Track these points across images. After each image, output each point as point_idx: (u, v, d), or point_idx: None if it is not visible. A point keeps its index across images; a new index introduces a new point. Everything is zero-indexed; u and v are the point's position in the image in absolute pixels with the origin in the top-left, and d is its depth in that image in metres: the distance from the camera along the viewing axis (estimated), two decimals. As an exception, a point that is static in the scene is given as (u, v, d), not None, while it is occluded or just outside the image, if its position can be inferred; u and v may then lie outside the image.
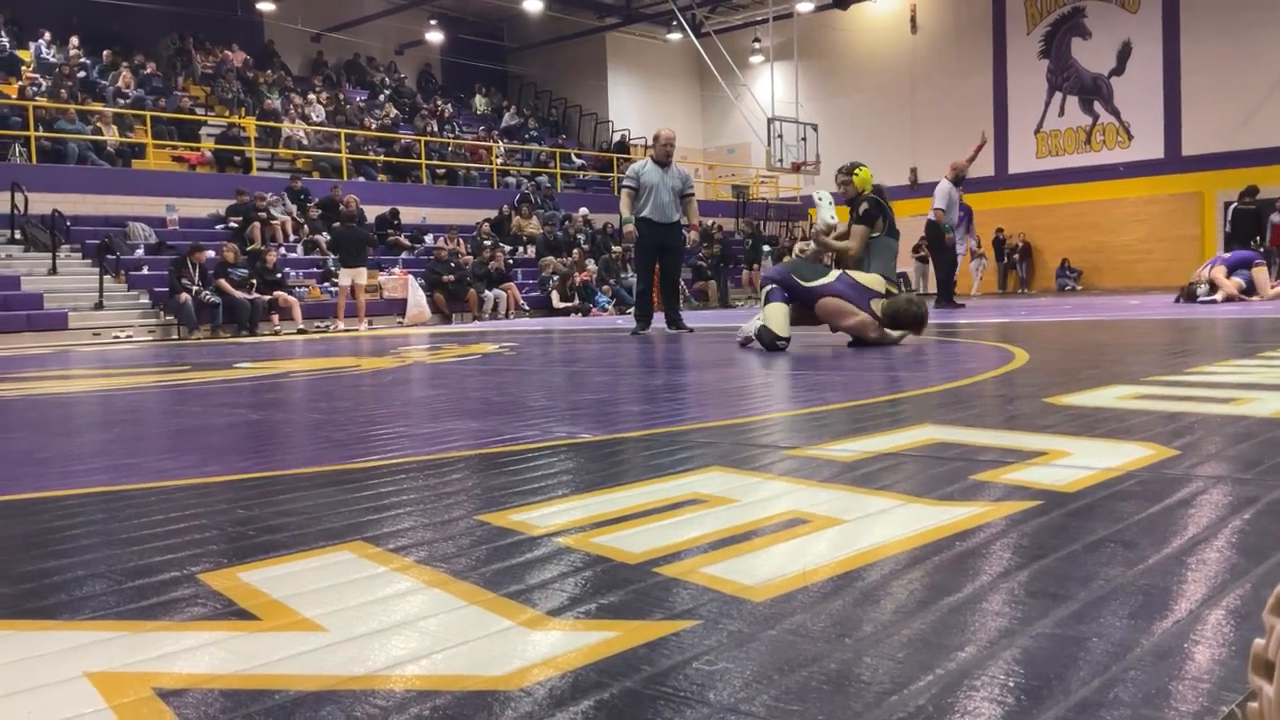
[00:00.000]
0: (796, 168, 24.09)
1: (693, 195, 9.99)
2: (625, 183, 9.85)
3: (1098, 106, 24.79)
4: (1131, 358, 5.03)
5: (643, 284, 10.15)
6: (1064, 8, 25.16)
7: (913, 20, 27.23)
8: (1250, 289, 12.00)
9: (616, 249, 20.67)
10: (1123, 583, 1.29)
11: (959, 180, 13.43)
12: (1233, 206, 16.73)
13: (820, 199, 7.71)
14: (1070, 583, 1.30)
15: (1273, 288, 12.17)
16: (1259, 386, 3.31)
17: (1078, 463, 2.11)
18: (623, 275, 19.99)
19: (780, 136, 23.42)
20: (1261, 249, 15.26)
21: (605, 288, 19.70)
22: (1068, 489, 1.85)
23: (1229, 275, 12.09)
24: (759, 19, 27.42)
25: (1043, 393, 3.45)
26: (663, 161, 9.71)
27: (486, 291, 18.16)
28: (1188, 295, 12.37)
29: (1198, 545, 1.46)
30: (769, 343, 6.12)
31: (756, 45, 28.47)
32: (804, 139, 24.15)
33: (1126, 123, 24.35)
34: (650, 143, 10.05)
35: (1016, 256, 25.41)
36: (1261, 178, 19.36)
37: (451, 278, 17.73)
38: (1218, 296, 11.96)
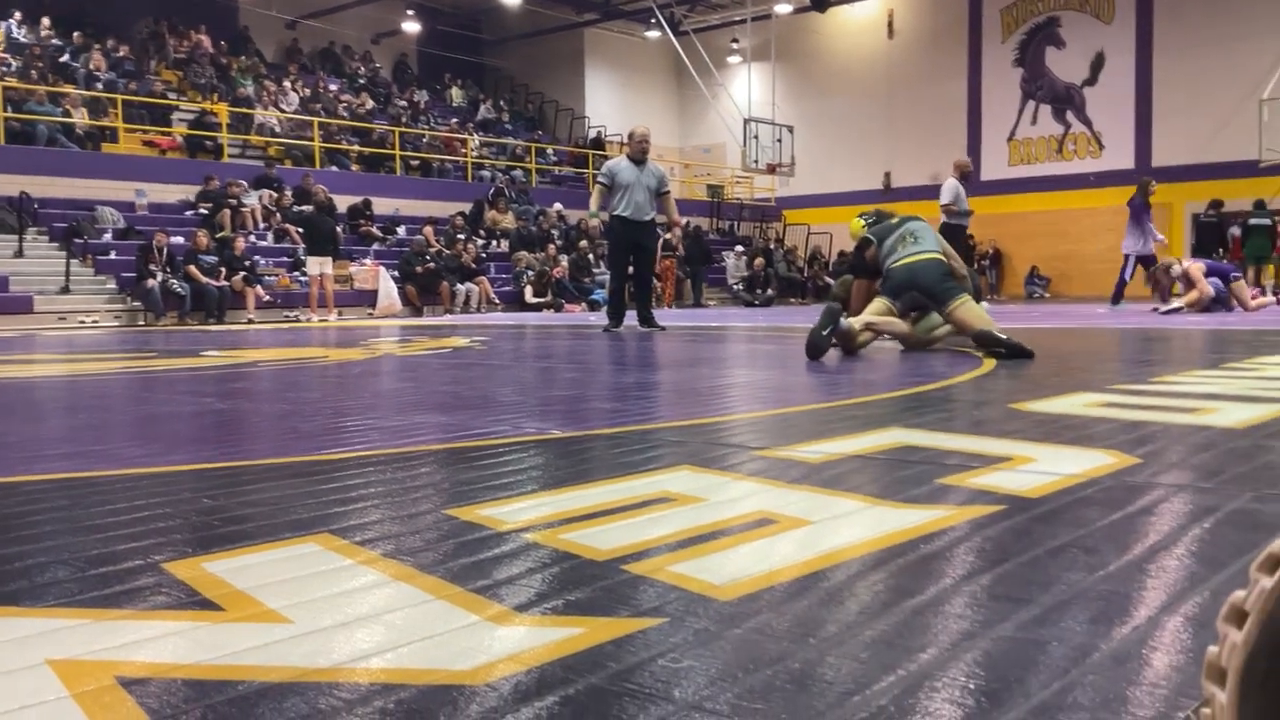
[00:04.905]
0: (772, 169, 24.15)
1: (669, 193, 10.00)
2: (600, 179, 9.86)
3: (1070, 116, 25.00)
4: (1097, 366, 5.09)
5: (616, 282, 10.16)
6: (1039, 17, 25.35)
7: (890, 25, 27.35)
8: (1220, 298, 12.14)
9: (583, 244, 20.62)
10: (1083, 588, 1.31)
11: (965, 177, 13.37)
12: (1199, 218, 17.02)
13: None
14: (1032, 587, 1.31)
15: (1254, 299, 12.29)
16: (1222, 397, 3.36)
17: (1042, 469, 2.13)
18: (595, 271, 19.97)
19: (756, 137, 23.47)
20: (1225, 260, 15.46)
21: (588, 282, 19.63)
22: (1031, 494, 1.87)
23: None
24: (737, 19, 27.44)
25: (1009, 399, 3.48)
26: (638, 159, 9.71)
27: (459, 285, 18.10)
28: (1163, 272, 12.52)
29: (1158, 553, 1.48)
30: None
31: (734, 45, 28.51)
32: (779, 140, 24.21)
33: (1098, 133, 24.57)
34: (625, 140, 10.06)
35: (986, 263, 25.60)
36: (1228, 191, 19.63)
37: (432, 265, 17.65)
38: (1179, 304, 12.07)
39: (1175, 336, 7.43)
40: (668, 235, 9.27)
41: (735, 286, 23.05)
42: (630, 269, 10.06)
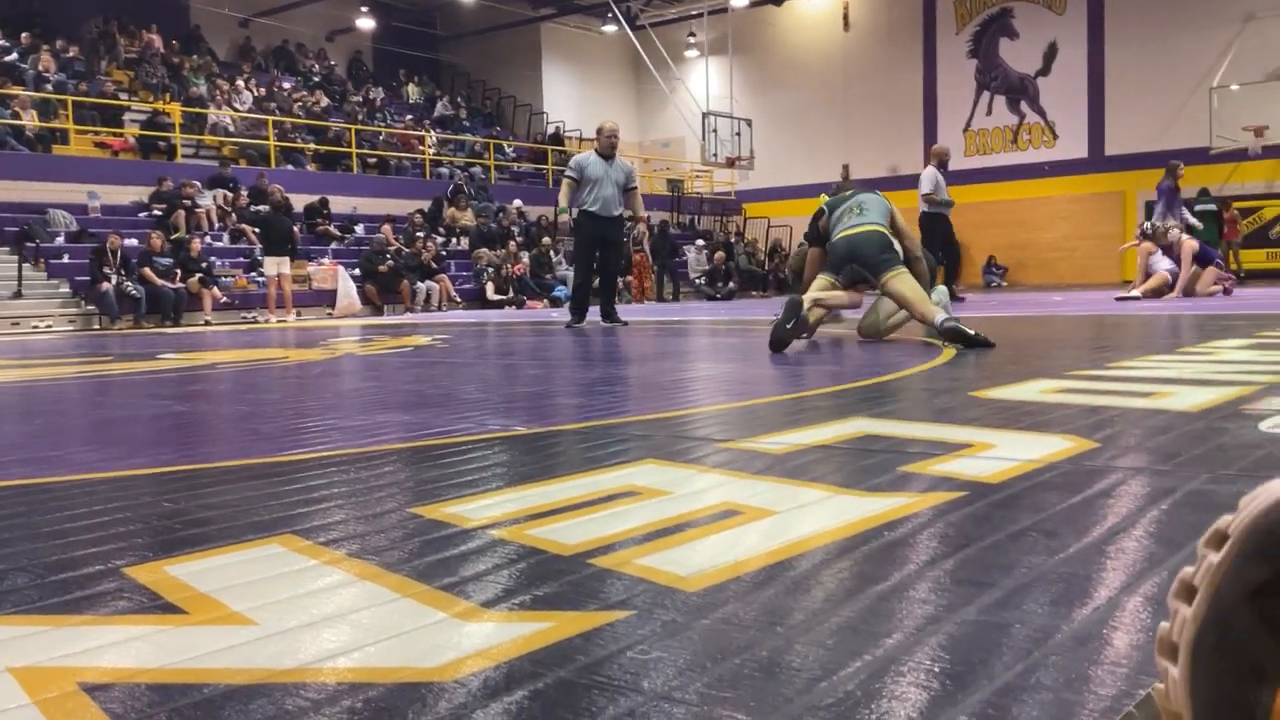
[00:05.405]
0: (731, 162, 24.19)
1: (636, 189, 10.00)
2: (567, 173, 9.79)
3: (1024, 106, 25.26)
4: (1055, 353, 5.14)
5: (581, 277, 10.12)
6: (992, 8, 25.58)
7: (845, 17, 27.49)
8: (1174, 285, 12.33)
9: (545, 241, 20.62)
10: (1044, 571, 1.32)
11: (943, 165, 13.33)
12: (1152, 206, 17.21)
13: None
14: (994, 571, 1.33)
15: (1215, 284, 12.48)
16: (1177, 381, 3.41)
17: (1002, 454, 2.15)
18: (556, 267, 19.96)
19: (715, 131, 23.49)
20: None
21: (550, 278, 19.63)
22: (992, 480, 1.89)
23: (1192, 264, 12.36)
24: (694, 13, 27.48)
25: (969, 386, 3.51)
26: (607, 154, 9.67)
27: (419, 283, 18.00)
28: (1161, 235, 12.67)
29: (1117, 535, 1.50)
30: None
31: (691, 39, 28.54)
32: (738, 134, 24.25)
33: (1052, 122, 24.84)
34: (594, 135, 9.99)
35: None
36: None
37: (392, 264, 17.55)
38: (1136, 291, 12.26)
39: (1130, 322, 7.53)
40: (636, 230, 9.30)
41: (697, 280, 23.10)
42: (595, 265, 10.04)
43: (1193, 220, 14.35)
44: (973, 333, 5.20)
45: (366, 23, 27.26)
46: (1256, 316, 7.45)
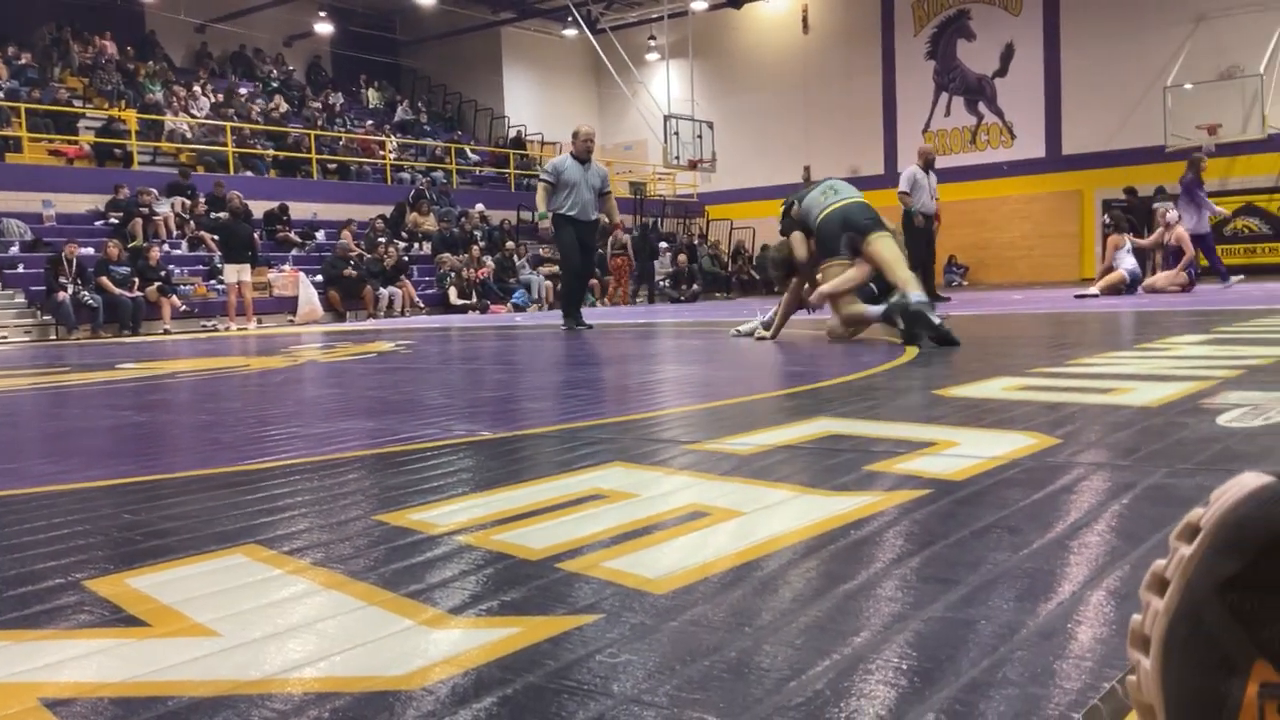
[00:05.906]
0: (693, 165, 24.22)
1: (610, 193, 9.97)
2: (543, 177, 9.70)
3: (982, 107, 25.48)
4: (1016, 350, 5.19)
5: (569, 279, 10.08)
6: (949, 10, 25.79)
7: (804, 20, 27.61)
8: (1135, 282, 12.51)
9: (509, 245, 20.58)
10: (1009, 567, 1.34)
11: (928, 166, 13.31)
12: (1110, 204, 17.46)
13: None
14: (959, 568, 1.34)
15: (1175, 282, 12.64)
16: (1135, 377, 3.45)
17: (965, 452, 2.17)
18: (520, 271, 19.92)
19: (677, 134, 23.51)
20: None
21: (513, 282, 19.61)
22: (956, 477, 1.91)
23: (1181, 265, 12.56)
24: (654, 16, 27.49)
25: (931, 385, 3.54)
26: (583, 158, 9.62)
27: (382, 289, 17.89)
28: (1160, 217, 12.84)
29: (1079, 530, 1.52)
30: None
31: (652, 43, 28.56)
32: (700, 136, 24.29)
33: (1010, 123, 25.08)
34: (571, 139, 9.91)
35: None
36: (1138, 176, 20.16)
37: (354, 272, 17.42)
38: (1094, 289, 12.42)
39: (1090, 319, 7.62)
40: (614, 236, 9.35)
41: (661, 283, 23.12)
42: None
43: (1216, 209, 14.29)
44: (939, 321, 5.22)
45: (325, 28, 27.03)
46: (1213, 312, 7.56)
